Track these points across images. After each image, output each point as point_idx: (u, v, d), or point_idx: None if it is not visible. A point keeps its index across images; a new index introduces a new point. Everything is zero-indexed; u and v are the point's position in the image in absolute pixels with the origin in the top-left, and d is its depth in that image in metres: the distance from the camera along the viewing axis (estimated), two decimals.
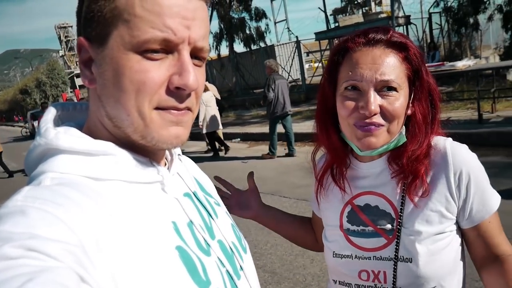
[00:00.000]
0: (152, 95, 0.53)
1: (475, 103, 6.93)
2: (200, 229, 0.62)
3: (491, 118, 6.74)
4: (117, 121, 0.56)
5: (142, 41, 0.51)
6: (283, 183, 5.37)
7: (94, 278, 0.43)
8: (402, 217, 0.90)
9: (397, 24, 13.00)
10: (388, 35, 0.86)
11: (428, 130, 0.90)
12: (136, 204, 0.54)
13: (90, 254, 0.44)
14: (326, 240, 1.02)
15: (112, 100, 0.54)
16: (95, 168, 0.54)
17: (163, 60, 0.53)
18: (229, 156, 8.14)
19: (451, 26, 14.20)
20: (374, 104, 0.83)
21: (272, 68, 7.19)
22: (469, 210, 0.89)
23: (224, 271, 0.61)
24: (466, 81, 9.29)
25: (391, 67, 0.84)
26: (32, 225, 0.42)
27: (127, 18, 0.51)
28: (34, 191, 0.48)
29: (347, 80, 0.86)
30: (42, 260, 0.39)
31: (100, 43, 0.53)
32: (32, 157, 0.57)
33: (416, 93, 0.88)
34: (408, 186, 0.90)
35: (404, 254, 0.88)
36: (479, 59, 12.51)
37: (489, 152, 5.30)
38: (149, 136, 0.55)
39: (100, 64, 0.54)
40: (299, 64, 15.29)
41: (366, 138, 0.86)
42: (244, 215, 1.23)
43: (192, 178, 0.72)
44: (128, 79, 0.52)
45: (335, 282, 1.00)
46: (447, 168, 0.88)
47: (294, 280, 3.05)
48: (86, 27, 0.55)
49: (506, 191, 3.84)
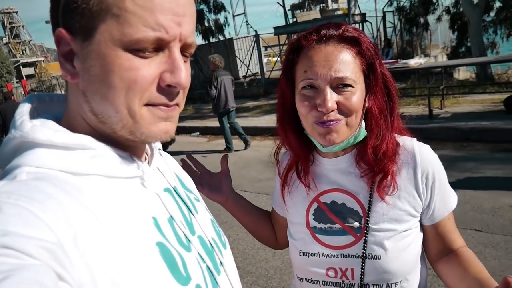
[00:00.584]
0: (142, 92, 0.52)
1: (426, 99, 7.28)
2: (180, 224, 0.61)
3: (440, 113, 7.11)
4: (104, 117, 0.54)
5: (134, 40, 0.49)
6: (243, 177, 5.37)
7: (72, 275, 0.42)
8: (369, 215, 0.90)
9: (353, 21, 13.34)
10: (340, 30, 0.86)
11: (388, 124, 0.91)
12: (115, 200, 0.53)
13: (68, 251, 0.43)
14: (292, 238, 1.01)
15: (99, 97, 0.52)
16: (73, 162, 0.51)
17: (153, 58, 0.52)
18: (189, 150, 8.02)
19: (404, 25, 14.80)
20: (331, 101, 0.84)
21: (216, 64, 7.15)
22: (432, 208, 0.92)
23: (204, 267, 0.61)
24: (417, 78, 9.73)
25: (345, 63, 0.84)
26: (7, 222, 0.40)
27: (117, 13, 0.49)
28: (8, 186, 0.46)
29: (303, 79, 0.87)
30: (18, 258, 0.38)
31: (84, 36, 0.50)
32: (6, 150, 0.54)
33: (371, 86, 0.89)
34: (378, 184, 0.90)
35: (372, 251, 0.89)
36: (428, 57, 13.14)
37: (439, 146, 5.59)
38: (138, 132, 0.54)
39: (85, 59, 0.51)
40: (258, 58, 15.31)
41: (327, 135, 0.86)
42: (214, 198, 1.18)
43: (173, 173, 0.70)
44: (118, 77, 0.50)
45: (301, 280, 0.99)
46: (415, 167, 0.90)
47: (256, 274, 3.06)
48: (68, 18, 0.51)
49: (455, 182, 4.07)
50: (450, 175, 0.94)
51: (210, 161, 6.62)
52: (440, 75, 7.87)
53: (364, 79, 0.88)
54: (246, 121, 9.36)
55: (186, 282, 0.54)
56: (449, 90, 8.18)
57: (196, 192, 0.81)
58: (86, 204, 0.48)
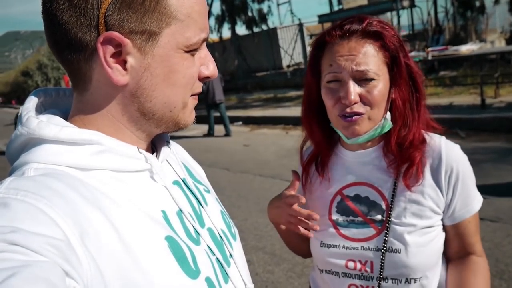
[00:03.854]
0: (192, 85, 0.58)
1: (478, 88, 6.90)
2: (189, 217, 0.61)
3: (494, 103, 6.71)
4: (156, 115, 0.57)
5: (194, 43, 0.55)
6: (284, 166, 5.39)
7: (79, 272, 0.42)
8: (392, 209, 0.92)
9: (401, 7, 12.80)
10: (363, 24, 0.88)
11: (414, 114, 0.92)
12: (124, 194, 0.53)
13: (75, 247, 0.43)
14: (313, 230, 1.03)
15: (159, 95, 0.55)
16: (80, 157, 0.52)
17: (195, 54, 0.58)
18: (231, 139, 8.17)
19: (457, 9, 13.97)
20: (354, 94, 0.87)
21: None
22: (453, 208, 0.92)
23: (214, 259, 0.61)
24: (470, 66, 9.21)
25: (368, 57, 0.87)
26: (14, 218, 0.41)
27: (181, 18, 0.53)
28: (16, 182, 0.46)
29: (329, 73, 0.90)
30: (25, 254, 0.38)
31: (147, 40, 0.52)
32: (14, 146, 0.54)
33: (395, 78, 0.91)
34: (404, 174, 0.92)
35: (392, 245, 0.90)
36: (484, 43, 12.34)
37: (491, 137, 5.30)
38: (181, 122, 0.60)
39: (146, 61, 0.53)
40: (301, 47, 15.15)
41: (350, 127, 0.90)
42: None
43: (181, 164, 0.71)
44: (181, 75, 0.56)
45: (321, 271, 1.01)
46: (440, 164, 0.91)
47: (293, 262, 3.11)
48: (121, 21, 0.50)
49: (507, 176, 3.87)
50: (501, 169, 0.93)
51: (251, 151, 6.72)
52: (495, 62, 7.40)
53: (388, 72, 0.90)
54: (288, 110, 9.36)
55: (196, 275, 0.55)
56: (505, 78, 7.68)
57: (206, 183, 0.80)
58: (93, 200, 0.49)
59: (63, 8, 0.49)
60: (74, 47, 0.51)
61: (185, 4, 0.53)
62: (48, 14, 0.51)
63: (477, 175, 0.98)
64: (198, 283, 0.55)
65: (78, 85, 0.55)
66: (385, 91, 0.90)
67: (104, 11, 0.49)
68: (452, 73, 9.29)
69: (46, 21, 0.52)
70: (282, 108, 10.12)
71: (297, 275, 2.93)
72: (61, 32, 0.51)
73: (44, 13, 0.52)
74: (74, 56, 0.52)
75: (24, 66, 49.75)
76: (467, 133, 5.58)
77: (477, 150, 4.77)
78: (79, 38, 0.50)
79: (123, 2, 0.49)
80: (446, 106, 6.90)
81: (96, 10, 0.49)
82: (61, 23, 0.50)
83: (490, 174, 3.90)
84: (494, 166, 4.18)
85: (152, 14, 0.50)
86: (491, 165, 4.24)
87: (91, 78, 0.54)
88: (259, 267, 3.11)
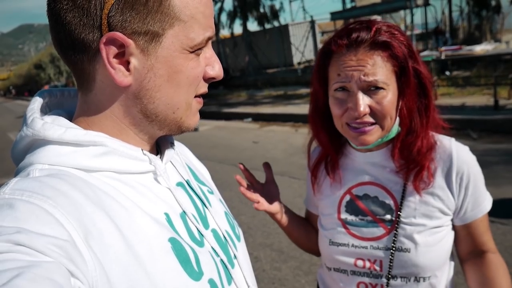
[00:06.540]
0: (196, 85, 0.58)
1: (491, 88, 6.80)
2: (193, 219, 0.61)
3: (507, 104, 6.60)
4: (159, 116, 0.56)
5: (197, 43, 0.54)
6: (292, 164, 5.40)
7: (84, 272, 0.42)
8: (401, 209, 0.92)
9: (415, 5, 12.65)
10: (371, 33, 0.86)
11: (423, 120, 0.92)
12: (128, 195, 0.53)
13: (80, 248, 0.43)
14: (322, 228, 1.04)
15: (162, 96, 0.55)
16: (85, 159, 0.52)
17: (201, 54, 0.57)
18: (240, 136, 8.18)
19: (472, 8, 13.77)
20: (363, 105, 0.86)
21: None
22: (464, 209, 0.92)
23: (218, 261, 0.61)
24: (483, 66, 9.08)
25: (376, 68, 0.85)
26: (19, 219, 0.41)
27: (184, 19, 0.52)
28: (22, 183, 0.46)
29: (336, 82, 0.89)
30: (31, 255, 0.38)
31: (150, 41, 0.51)
32: (19, 148, 0.55)
33: (402, 88, 0.89)
34: (413, 178, 0.92)
35: (401, 244, 0.91)
36: (499, 43, 12.15)
37: (503, 139, 5.22)
38: (184, 125, 0.59)
39: (150, 62, 0.52)
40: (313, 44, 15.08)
41: (360, 137, 0.89)
42: (271, 209, 1.09)
43: (185, 166, 0.71)
44: (185, 76, 0.55)
45: (329, 269, 1.02)
46: (451, 166, 0.91)
47: (300, 259, 3.11)
48: (124, 22, 0.49)
49: None
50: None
51: (261, 148, 6.71)
52: (510, 62, 7.29)
53: (396, 80, 0.89)
54: (298, 108, 9.33)
55: (199, 277, 0.55)
56: None
57: (210, 184, 0.80)
58: (97, 201, 0.49)
59: (67, 8, 0.49)
60: (78, 48, 0.51)
61: (189, 5, 0.52)
62: (53, 14, 0.51)
63: (488, 177, 0.98)
64: (201, 284, 0.55)
65: (83, 86, 0.55)
66: (394, 100, 0.89)
67: (107, 11, 0.48)
68: (465, 73, 9.16)
69: (51, 21, 0.52)
70: (292, 106, 10.09)
71: (304, 273, 2.94)
72: (65, 32, 0.50)
73: (49, 13, 0.52)
74: (78, 57, 0.52)
75: (37, 59, 50.23)
76: (479, 134, 5.49)
77: (489, 152, 4.72)
78: (82, 38, 0.50)
79: (126, 3, 0.48)
80: (459, 106, 6.83)
81: (99, 11, 0.48)
82: (65, 23, 0.50)
83: (502, 176, 3.88)
84: (506, 168, 4.14)
85: (155, 15, 0.50)
86: (503, 167, 4.20)
87: (94, 78, 0.53)
88: (266, 264, 3.13)
